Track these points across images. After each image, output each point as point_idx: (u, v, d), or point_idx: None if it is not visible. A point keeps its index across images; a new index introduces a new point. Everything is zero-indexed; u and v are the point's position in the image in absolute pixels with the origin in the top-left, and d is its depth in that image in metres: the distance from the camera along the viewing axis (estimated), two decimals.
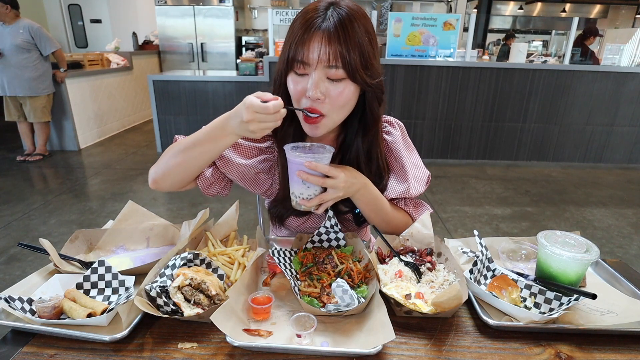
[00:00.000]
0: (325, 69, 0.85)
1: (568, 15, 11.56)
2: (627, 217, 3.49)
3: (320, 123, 0.90)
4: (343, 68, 0.84)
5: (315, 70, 0.84)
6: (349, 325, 0.78)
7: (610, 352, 0.74)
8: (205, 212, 1.04)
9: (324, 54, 0.83)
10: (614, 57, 4.76)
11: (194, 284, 0.77)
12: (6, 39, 4.25)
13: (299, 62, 0.86)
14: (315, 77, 0.85)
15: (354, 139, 1.01)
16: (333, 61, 0.83)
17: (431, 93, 4.68)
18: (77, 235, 1.04)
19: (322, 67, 0.84)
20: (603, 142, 4.89)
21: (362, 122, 0.99)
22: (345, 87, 0.87)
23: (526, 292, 0.85)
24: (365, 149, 1.02)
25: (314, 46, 0.83)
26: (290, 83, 0.90)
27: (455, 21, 4.65)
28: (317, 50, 0.83)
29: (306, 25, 0.84)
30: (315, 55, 0.83)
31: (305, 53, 0.84)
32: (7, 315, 0.77)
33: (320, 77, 0.85)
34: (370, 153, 1.03)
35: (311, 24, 0.84)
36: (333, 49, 0.82)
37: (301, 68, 0.86)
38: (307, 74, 0.87)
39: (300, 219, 1.13)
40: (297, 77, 0.89)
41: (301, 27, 0.85)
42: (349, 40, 0.83)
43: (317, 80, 0.85)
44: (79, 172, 4.43)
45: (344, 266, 0.89)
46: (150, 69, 7.27)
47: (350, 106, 0.92)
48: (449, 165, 4.82)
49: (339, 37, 0.82)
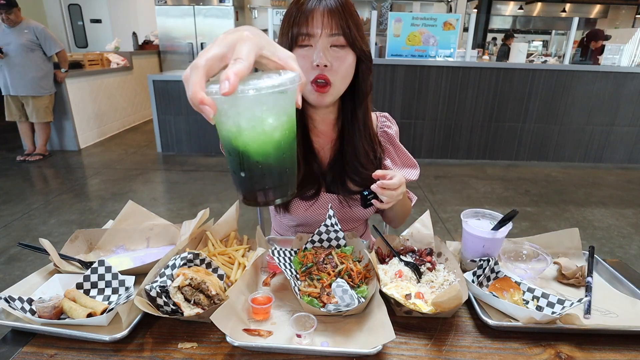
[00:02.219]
0: (329, 37, 0.92)
1: (568, 15, 11.56)
2: (627, 217, 3.49)
3: (328, 92, 0.97)
4: (344, 37, 0.93)
5: (320, 39, 0.92)
6: (349, 325, 0.78)
7: (610, 352, 0.74)
8: (205, 212, 1.04)
9: (326, 24, 0.91)
10: (614, 57, 4.76)
11: (194, 284, 0.77)
12: (11, 39, 4.27)
13: (303, 35, 0.93)
14: (321, 44, 0.92)
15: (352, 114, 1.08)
16: (335, 29, 0.92)
17: (431, 93, 4.68)
18: (77, 235, 1.04)
19: (326, 35, 0.92)
20: (603, 142, 4.89)
21: (356, 95, 1.05)
22: (347, 55, 0.95)
23: (529, 294, 0.85)
24: (361, 121, 1.08)
25: (317, 18, 0.91)
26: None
27: (455, 21, 4.65)
28: (320, 21, 0.91)
29: (306, 4, 0.92)
30: (319, 25, 0.91)
31: (310, 25, 0.92)
32: (7, 315, 0.77)
33: (325, 46, 0.92)
34: (366, 124, 1.10)
35: (311, 3, 0.92)
36: (334, 19, 0.91)
37: (306, 40, 0.93)
38: (311, 46, 0.94)
39: (307, 202, 1.13)
40: (302, 51, 0.95)
41: (301, 6, 0.92)
42: (347, 15, 0.92)
43: (323, 47, 0.92)
44: (79, 172, 4.43)
45: (344, 266, 0.89)
46: (150, 69, 7.27)
47: (350, 75, 0.99)
48: (449, 165, 4.82)
49: (338, 12, 0.91)
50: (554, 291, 0.91)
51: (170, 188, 4.07)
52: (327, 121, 1.13)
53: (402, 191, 1.01)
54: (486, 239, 0.94)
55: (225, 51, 0.52)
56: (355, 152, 1.09)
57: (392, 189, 0.96)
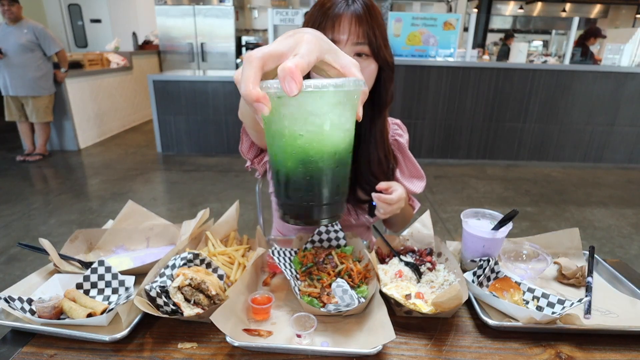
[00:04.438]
0: (354, 46, 0.91)
1: (568, 15, 11.56)
2: (627, 217, 3.49)
3: None
4: (369, 46, 0.91)
5: (345, 46, 0.91)
6: (349, 325, 0.78)
7: (610, 352, 0.74)
8: (205, 212, 1.04)
9: (354, 32, 0.90)
10: (614, 57, 4.76)
11: (194, 284, 0.77)
12: (10, 39, 4.27)
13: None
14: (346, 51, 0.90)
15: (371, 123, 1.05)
16: (362, 38, 0.91)
17: (431, 93, 4.67)
18: (77, 235, 1.04)
19: (351, 43, 0.91)
20: (603, 142, 4.89)
21: (375, 104, 1.04)
22: (369, 64, 0.94)
23: (529, 295, 0.85)
24: (379, 130, 1.06)
25: (344, 25, 0.90)
26: None
27: (455, 21, 4.65)
28: (347, 28, 0.90)
29: (333, 8, 0.90)
30: (346, 32, 0.90)
31: (337, 30, 0.90)
32: (7, 315, 0.77)
33: (350, 53, 0.91)
34: (382, 134, 1.08)
35: (338, 7, 0.90)
36: (361, 28, 0.90)
37: None
38: None
39: None
40: None
41: (327, 10, 0.90)
42: (374, 22, 0.91)
43: None
44: (79, 172, 4.43)
45: (344, 266, 0.89)
46: (150, 69, 7.27)
47: (371, 85, 0.98)
48: (449, 165, 4.82)
49: (366, 19, 0.90)
50: (554, 291, 0.91)
51: (170, 188, 4.07)
52: None
53: (400, 206, 1.00)
54: (486, 239, 0.94)
55: (284, 50, 0.47)
56: (370, 162, 1.07)
57: (389, 203, 0.97)
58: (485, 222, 1.00)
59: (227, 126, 4.87)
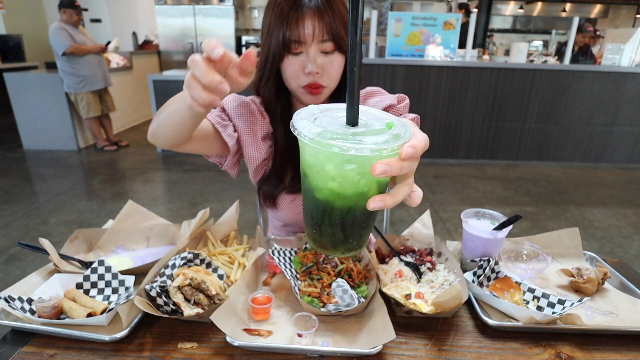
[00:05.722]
0: (319, 44, 0.93)
1: (568, 15, 11.56)
2: (627, 217, 3.49)
3: (321, 93, 0.99)
4: (332, 41, 0.93)
5: (311, 46, 0.93)
6: (349, 325, 0.78)
7: (610, 352, 0.74)
8: (205, 211, 1.04)
9: (317, 30, 0.91)
10: (614, 57, 4.75)
11: (194, 283, 0.77)
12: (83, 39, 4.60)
13: (295, 43, 0.92)
14: (312, 52, 0.93)
15: None
16: (326, 35, 0.92)
17: (431, 93, 4.67)
18: (77, 235, 1.04)
19: (316, 42, 0.92)
20: (603, 142, 4.89)
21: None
22: (335, 58, 0.96)
23: (529, 295, 0.85)
24: None
25: (307, 24, 0.90)
26: (286, 65, 0.96)
27: (455, 21, 4.65)
28: (312, 27, 0.91)
29: (295, 5, 0.90)
30: (310, 32, 0.91)
31: (301, 32, 0.91)
32: (7, 315, 0.77)
33: (316, 52, 0.93)
34: None
35: (300, 3, 0.90)
36: (324, 24, 0.91)
37: (297, 47, 0.93)
38: (301, 52, 0.94)
39: (291, 195, 1.13)
40: (292, 58, 0.95)
41: (290, 8, 0.90)
42: (335, 14, 0.92)
43: (313, 55, 0.93)
44: (79, 172, 4.43)
45: (344, 266, 0.89)
46: (150, 69, 7.26)
47: (339, 74, 1.00)
48: (449, 165, 4.82)
49: (327, 12, 0.91)
50: (554, 291, 0.91)
51: (170, 188, 4.07)
52: None
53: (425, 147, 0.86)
54: (486, 239, 0.94)
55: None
56: None
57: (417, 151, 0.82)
58: (485, 222, 1.00)
59: None
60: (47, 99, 4.90)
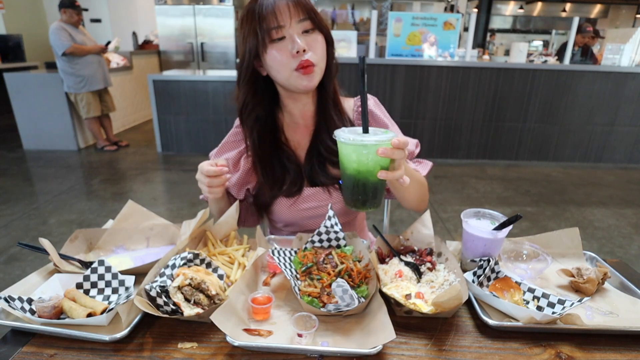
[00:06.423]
0: (298, 23, 0.96)
1: (568, 15, 11.57)
2: (627, 217, 3.49)
3: (314, 72, 1.00)
4: (311, 20, 0.97)
5: (291, 26, 0.96)
6: (349, 325, 0.78)
7: (610, 352, 0.74)
8: (205, 211, 1.04)
9: (293, 10, 0.95)
10: (614, 57, 4.75)
11: (194, 283, 0.77)
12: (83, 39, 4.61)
13: (275, 28, 0.95)
14: (294, 32, 0.96)
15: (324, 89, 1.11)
16: (302, 14, 0.96)
17: (431, 93, 4.67)
18: (77, 235, 1.04)
19: (296, 22, 0.96)
20: (603, 142, 4.89)
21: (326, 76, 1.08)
22: (317, 36, 1.00)
23: (529, 295, 0.85)
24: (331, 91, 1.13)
25: (283, 8, 0.95)
26: (273, 56, 0.98)
27: (455, 21, 4.65)
28: (287, 8, 0.95)
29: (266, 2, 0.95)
30: (287, 13, 0.95)
31: (278, 16, 0.95)
32: (6, 315, 0.77)
33: (297, 32, 0.97)
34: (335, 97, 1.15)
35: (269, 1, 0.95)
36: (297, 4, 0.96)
37: (278, 32, 0.96)
38: (284, 37, 0.97)
39: (289, 200, 1.15)
40: (276, 46, 0.97)
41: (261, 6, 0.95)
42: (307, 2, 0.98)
43: (297, 34, 0.96)
44: (79, 172, 4.43)
45: (344, 266, 0.89)
46: (150, 69, 7.26)
47: (325, 54, 1.03)
48: (449, 165, 4.82)
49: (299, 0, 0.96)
50: (554, 291, 0.91)
51: (170, 188, 4.07)
52: (307, 114, 1.15)
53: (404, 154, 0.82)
54: (486, 239, 0.94)
55: None
56: (328, 127, 1.11)
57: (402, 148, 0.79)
58: (485, 222, 1.00)
59: (227, 126, 4.84)
60: (47, 99, 4.90)
